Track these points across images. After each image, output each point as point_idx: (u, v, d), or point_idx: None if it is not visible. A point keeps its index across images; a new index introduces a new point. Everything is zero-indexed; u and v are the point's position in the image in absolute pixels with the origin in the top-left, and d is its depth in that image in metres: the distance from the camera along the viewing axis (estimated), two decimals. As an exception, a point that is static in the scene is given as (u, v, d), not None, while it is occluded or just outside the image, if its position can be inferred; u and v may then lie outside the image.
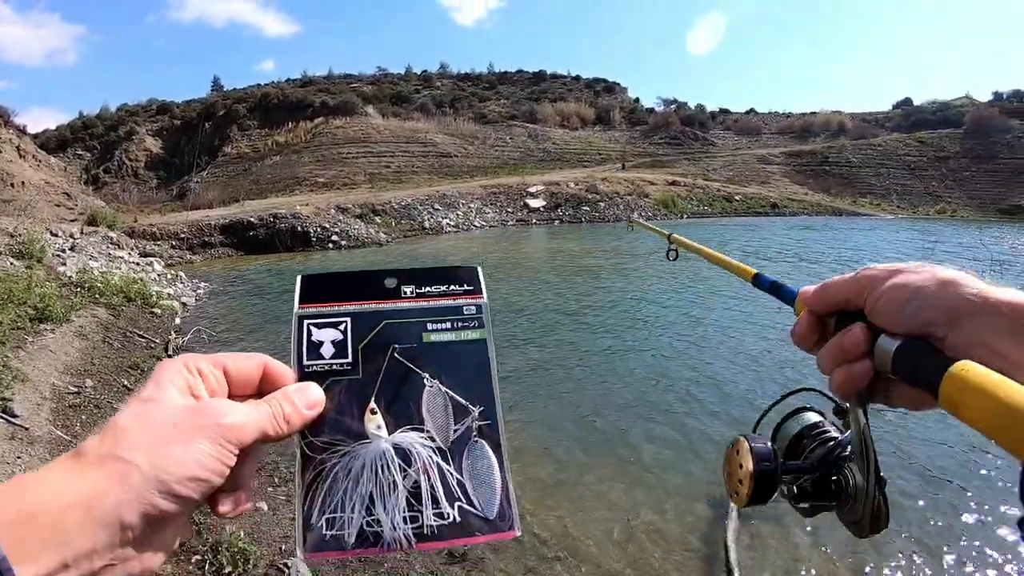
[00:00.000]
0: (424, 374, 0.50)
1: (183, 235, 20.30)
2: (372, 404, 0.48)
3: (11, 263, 9.58)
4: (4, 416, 4.56)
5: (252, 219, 21.41)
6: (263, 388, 0.47)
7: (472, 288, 0.55)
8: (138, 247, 17.90)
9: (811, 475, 0.56)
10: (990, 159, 43.48)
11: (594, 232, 25.61)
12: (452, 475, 0.47)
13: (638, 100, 63.80)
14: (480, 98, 58.45)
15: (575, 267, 16.04)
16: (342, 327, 0.51)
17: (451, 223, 26.85)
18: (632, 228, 2.85)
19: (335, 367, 0.49)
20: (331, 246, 21.05)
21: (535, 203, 30.75)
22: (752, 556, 3.74)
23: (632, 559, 3.71)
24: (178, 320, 9.81)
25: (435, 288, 0.54)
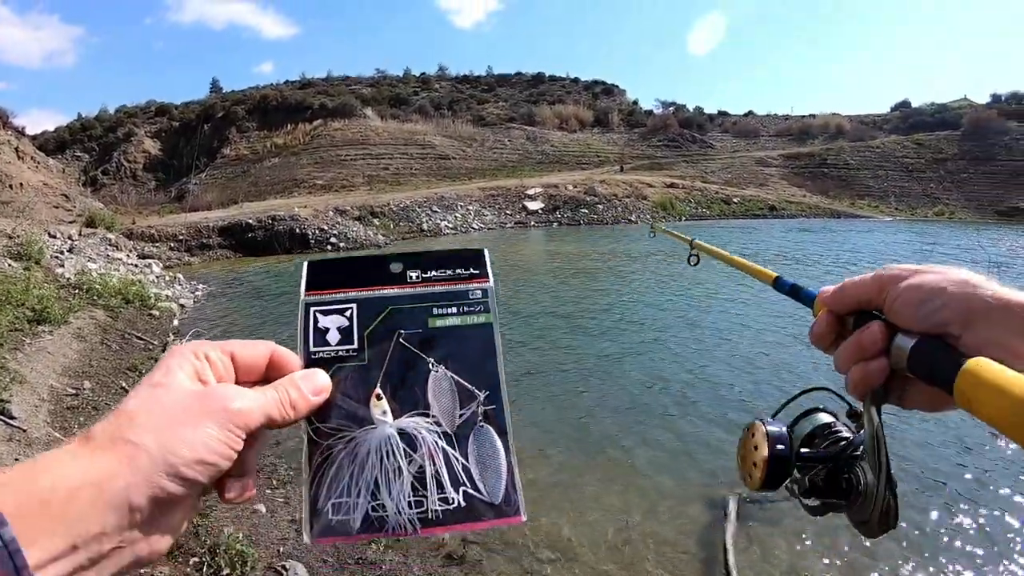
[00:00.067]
0: (430, 359, 0.49)
1: (181, 237, 20.30)
2: (378, 390, 0.48)
3: (9, 264, 9.57)
4: (2, 418, 4.56)
5: (250, 221, 21.41)
6: (270, 375, 0.47)
7: (478, 272, 0.54)
8: (136, 249, 17.90)
9: (824, 465, 0.56)
10: (988, 161, 43.57)
11: (592, 234, 25.63)
12: (457, 460, 0.47)
13: (636, 102, 63.93)
14: (478, 100, 58.50)
15: (572, 269, 16.04)
16: (348, 313, 0.51)
17: (449, 225, 26.87)
18: (655, 234, 2.87)
19: (341, 353, 0.49)
20: (329, 248, 21.05)
21: (533, 205, 30.77)
22: (750, 558, 3.75)
23: (629, 561, 3.71)
24: (176, 322, 9.81)
25: (441, 272, 0.54)
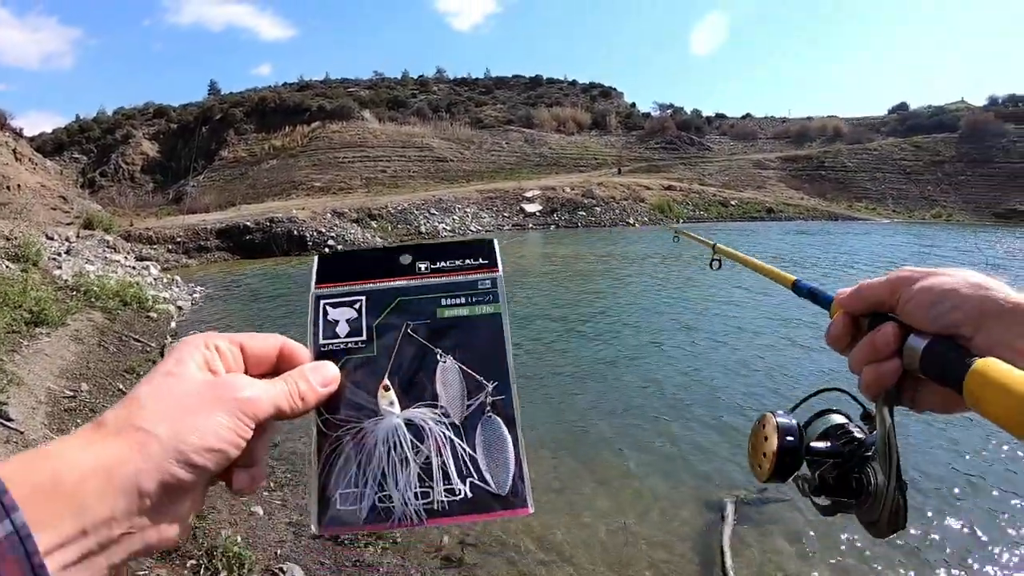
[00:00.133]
0: (438, 350, 0.49)
1: (179, 239, 20.29)
2: (385, 381, 0.48)
3: (7, 266, 9.56)
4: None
5: (248, 223, 21.41)
6: (280, 367, 0.48)
7: (487, 262, 0.54)
8: (134, 251, 17.87)
9: (833, 461, 0.57)
10: (985, 163, 43.69)
11: (589, 237, 25.66)
12: (465, 451, 0.47)
13: (634, 105, 64.01)
14: (476, 103, 58.54)
15: (569, 272, 16.07)
16: (357, 306, 0.51)
17: (447, 228, 26.86)
18: (678, 239, 2.91)
19: (350, 345, 0.50)
20: (327, 250, 20.99)
21: (531, 208, 30.79)
22: (748, 561, 3.75)
23: (626, 563, 3.70)
24: (174, 324, 9.79)
25: (449, 263, 0.54)
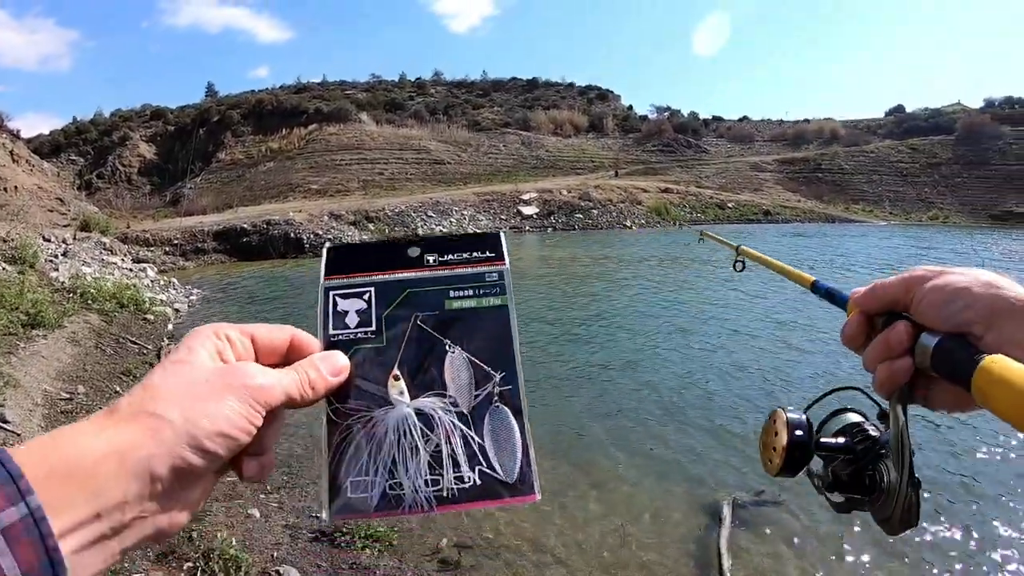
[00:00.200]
0: (446, 341, 0.51)
1: (176, 241, 20.26)
2: (395, 371, 0.49)
3: (3, 268, 9.53)
4: (-4, 422, 4.54)
5: (245, 225, 21.40)
6: (290, 357, 0.48)
7: (494, 255, 0.55)
8: (131, 253, 17.85)
9: (843, 455, 0.58)
10: (982, 165, 43.78)
11: (586, 239, 25.68)
12: (473, 440, 0.48)
13: (631, 107, 63.99)
14: (474, 105, 58.48)
15: (565, 275, 16.09)
16: (366, 297, 0.52)
17: (444, 230, 26.83)
18: (702, 240, 2.94)
19: (360, 336, 0.51)
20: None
21: (528, 210, 30.79)
22: (745, 563, 3.76)
23: (622, 566, 3.71)
24: (171, 326, 9.79)
25: (457, 256, 0.55)
